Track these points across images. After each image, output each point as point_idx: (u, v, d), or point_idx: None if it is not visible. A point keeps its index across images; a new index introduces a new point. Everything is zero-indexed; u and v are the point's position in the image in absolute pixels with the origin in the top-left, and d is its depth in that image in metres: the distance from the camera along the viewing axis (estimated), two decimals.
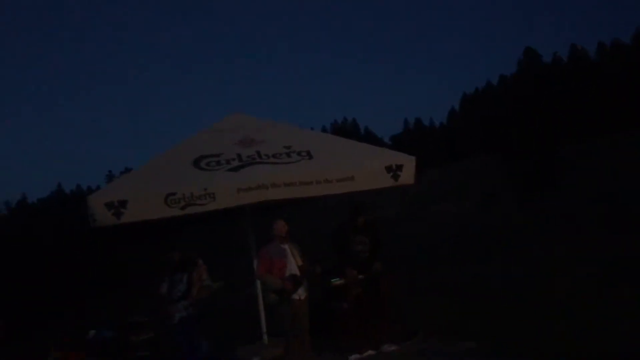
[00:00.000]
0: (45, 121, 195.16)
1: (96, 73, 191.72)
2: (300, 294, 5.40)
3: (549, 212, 18.06)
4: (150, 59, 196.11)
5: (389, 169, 5.65)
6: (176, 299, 5.69)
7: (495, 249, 13.00)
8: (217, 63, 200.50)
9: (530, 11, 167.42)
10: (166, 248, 6.05)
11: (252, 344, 6.17)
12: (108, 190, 5.35)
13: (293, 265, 5.45)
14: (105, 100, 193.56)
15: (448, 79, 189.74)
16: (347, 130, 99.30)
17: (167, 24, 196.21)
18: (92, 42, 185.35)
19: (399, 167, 5.69)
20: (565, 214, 17.09)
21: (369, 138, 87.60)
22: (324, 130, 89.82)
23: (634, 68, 61.59)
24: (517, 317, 6.58)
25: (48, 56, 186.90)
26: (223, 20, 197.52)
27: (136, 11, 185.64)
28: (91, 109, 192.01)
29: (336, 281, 6.00)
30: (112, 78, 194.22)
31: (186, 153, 5.62)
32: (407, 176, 5.74)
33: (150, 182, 5.13)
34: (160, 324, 6.44)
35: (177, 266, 5.79)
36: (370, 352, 5.76)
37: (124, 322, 6.95)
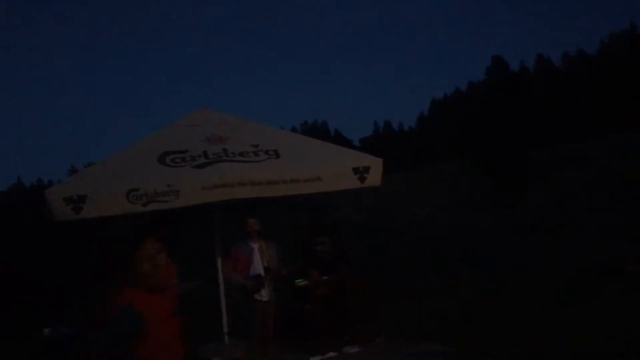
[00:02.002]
0: (6, 113, 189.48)
1: (61, 64, 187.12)
2: (264, 295, 5.35)
3: (519, 216, 18.42)
4: (118, 52, 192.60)
5: (356, 170, 5.64)
6: None
7: (464, 252, 13.18)
8: (188, 58, 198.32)
9: (498, 21, 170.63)
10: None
11: (213, 344, 6.09)
12: (67, 184, 5.18)
13: (259, 264, 5.41)
14: (71, 93, 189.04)
15: (418, 84, 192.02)
16: (317, 131, 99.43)
17: (135, 16, 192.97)
18: (54, 32, 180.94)
19: (366, 169, 5.69)
20: (534, 217, 17.45)
21: (339, 140, 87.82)
22: (294, 130, 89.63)
23: (598, 79, 63.48)
24: (482, 319, 6.68)
25: (11, 47, 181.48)
26: (195, 15, 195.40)
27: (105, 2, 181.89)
28: (56, 101, 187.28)
29: (300, 282, 5.99)
30: (78, 69, 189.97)
31: (151, 148, 5.49)
32: (374, 178, 5.75)
33: (112, 177, 4.99)
34: None
35: None
36: (332, 353, 5.75)
37: (83, 320, 6.76)
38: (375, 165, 5.77)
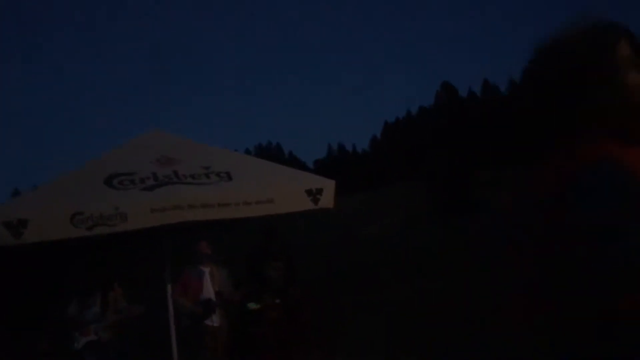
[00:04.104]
0: None
1: (8, 82, 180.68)
2: (214, 320, 5.25)
3: (468, 233, 18.87)
4: (68, 69, 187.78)
5: (309, 192, 5.65)
6: (88, 322, 5.33)
7: (417, 270, 13.37)
8: (138, 79, 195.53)
9: (447, 47, 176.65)
10: (78, 269, 5.68)
11: None
12: (8, 207, 4.97)
13: (210, 289, 5.31)
14: (15, 113, 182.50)
15: (371, 107, 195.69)
16: (271, 153, 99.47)
17: (89, 32, 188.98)
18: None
19: (319, 191, 5.71)
20: (482, 234, 17.89)
21: (293, 162, 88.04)
22: (247, 152, 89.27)
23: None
24: (437, 336, 6.74)
25: None
26: (148, 34, 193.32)
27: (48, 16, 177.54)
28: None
29: (252, 306, 5.91)
30: (24, 89, 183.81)
31: (98, 170, 5.34)
32: (327, 200, 5.77)
33: (56, 200, 4.83)
34: (65, 349, 6.01)
35: (93, 286, 5.45)
36: None
37: (25, 350, 6.43)
38: (328, 187, 5.80)
